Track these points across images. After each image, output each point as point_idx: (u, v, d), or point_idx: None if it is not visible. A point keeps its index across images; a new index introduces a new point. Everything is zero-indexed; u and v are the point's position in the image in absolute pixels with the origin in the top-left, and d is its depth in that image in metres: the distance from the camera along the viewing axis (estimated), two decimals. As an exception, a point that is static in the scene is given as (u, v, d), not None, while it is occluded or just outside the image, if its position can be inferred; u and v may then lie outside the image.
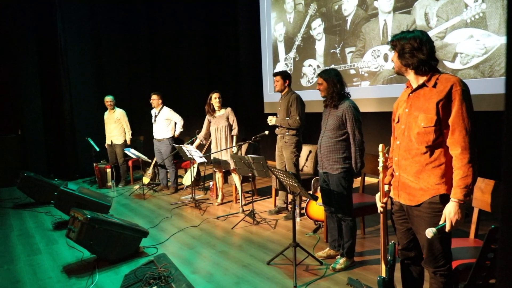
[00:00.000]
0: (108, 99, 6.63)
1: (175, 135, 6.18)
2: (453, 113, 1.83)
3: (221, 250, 3.73)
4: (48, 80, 7.76)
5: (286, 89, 4.48)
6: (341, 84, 3.09)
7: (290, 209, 4.76)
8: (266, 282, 3.02)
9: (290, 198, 4.69)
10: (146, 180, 6.52)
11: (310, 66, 7.06)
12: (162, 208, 5.34)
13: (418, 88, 1.97)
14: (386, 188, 2.17)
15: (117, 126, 6.69)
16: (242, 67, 8.83)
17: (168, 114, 6.10)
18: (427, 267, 2.02)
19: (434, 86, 1.89)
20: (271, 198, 5.25)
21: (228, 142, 5.09)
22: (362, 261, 3.29)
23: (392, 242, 2.08)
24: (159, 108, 6.12)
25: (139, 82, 8.71)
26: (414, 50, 1.91)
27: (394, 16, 5.45)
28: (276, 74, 4.50)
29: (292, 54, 7.43)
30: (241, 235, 4.12)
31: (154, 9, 8.85)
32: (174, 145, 5.83)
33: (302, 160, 4.88)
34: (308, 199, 3.84)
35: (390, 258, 2.09)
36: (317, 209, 3.84)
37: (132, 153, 6.16)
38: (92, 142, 6.88)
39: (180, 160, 6.37)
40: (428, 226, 1.84)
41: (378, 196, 2.18)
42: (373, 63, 5.85)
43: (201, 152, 5.15)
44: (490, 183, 2.35)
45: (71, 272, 3.37)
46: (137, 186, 6.52)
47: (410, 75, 2.00)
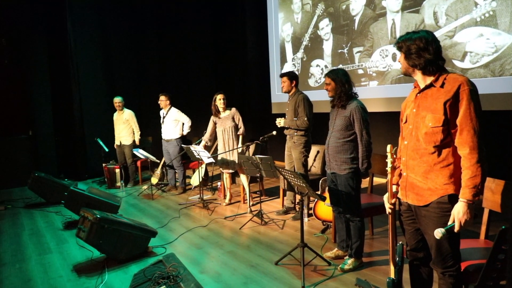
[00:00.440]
0: (117, 100, 6.69)
1: (183, 134, 6.21)
2: (461, 113, 1.82)
3: (229, 250, 3.74)
4: (58, 81, 7.86)
5: (293, 89, 4.47)
6: (349, 84, 3.08)
7: (298, 209, 4.75)
8: (274, 282, 3.03)
9: (298, 198, 4.69)
10: (154, 180, 6.56)
11: (317, 66, 7.04)
12: (171, 208, 5.37)
13: (426, 88, 1.96)
14: (394, 188, 2.17)
15: (126, 127, 6.74)
16: (250, 68, 8.84)
17: (176, 115, 6.13)
18: (436, 268, 2.00)
19: (442, 86, 1.89)
20: (279, 199, 5.24)
21: (235, 143, 5.10)
22: (371, 261, 3.28)
23: (400, 243, 2.07)
24: (167, 109, 6.16)
25: (148, 83, 8.77)
26: (421, 50, 1.90)
27: (403, 15, 5.42)
28: (282, 75, 4.49)
29: (299, 54, 7.42)
30: (249, 235, 4.12)
31: (162, 10, 8.90)
32: (182, 145, 5.86)
33: (310, 160, 4.87)
34: (316, 200, 3.84)
35: (398, 259, 2.08)
36: (325, 209, 3.83)
37: (140, 153, 6.21)
38: (101, 143, 6.95)
39: (188, 160, 6.40)
40: (436, 227, 1.83)
41: (386, 196, 2.17)
42: (381, 63, 5.82)
43: (208, 153, 5.17)
44: (501, 184, 2.33)
45: (81, 271, 3.41)
46: (145, 186, 6.56)
47: (418, 76, 1.99)
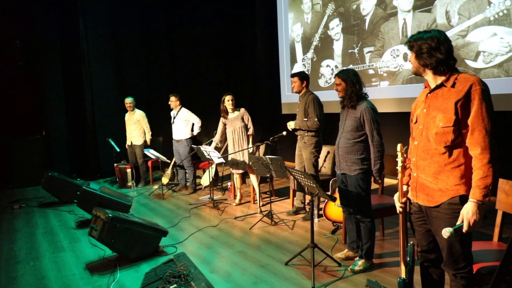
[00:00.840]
0: (128, 101, 6.76)
1: (193, 134, 6.25)
2: (472, 112, 1.80)
3: (239, 250, 3.76)
4: (71, 83, 7.99)
5: (304, 90, 4.47)
6: (359, 84, 3.07)
7: (308, 209, 4.75)
8: (284, 282, 3.03)
9: (307, 198, 4.69)
10: (165, 180, 6.61)
11: (328, 66, 7.02)
12: (181, 208, 5.41)
13: (436, 88, 1.94)
14: (405, 188, 2.15)
15: (137, 127, 6.81)
16: (260, 68, 8.85)
17: (186, 115, 6.17)
18: (447, 270, 1.99)
19: (453, 86, 1.87)
20: (289, 199, 5.24)
21: (245, 143, 5.11)
22: (381, 263, 3.26)
23: (411, 243, 2.06)
24: (178, 109, 6.21)
25: (158, 84, 8.86)
26: (432, 50, 1.89)
27: (414, 14, 5.37)
28: (293, 75, 4.49)
29: (309, 54, 7.41)
30: (259, 236, 4.13)
31: (172, 12, 8.98)
32: (192, 146, 5.90)
33: (320, 161, 4.86)
34: (326, 200, 3.83)
35: (409, 259, 2.07)
36: (335, 210, 3.82)
37: (151, 153, 6.26)
38: (112, 143, 7.03)
39: (198, 160, 6.43)
40: (447, 227, 1.81)
41: (396, 196, 2.16)
42: (392, 63, 5.78)
43: (218, 153, 5.19)
44: (514, 185, 2.30)
45: (94, 269, 3.46)
46: (156, 186, 6.62)
47: (428, 75, 1.98)
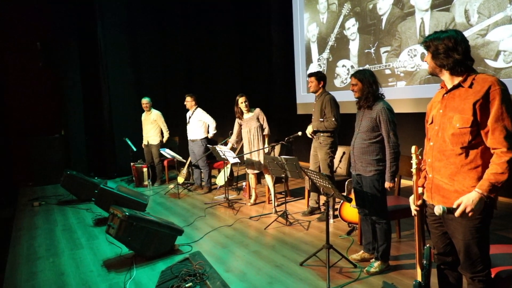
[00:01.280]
0: (144, 101, 6.85)
1: (209, 137, 6.29)
2: (492, 113, 1.77)
3: (254, 250, 3.77)
4: (89, 83, 8.15)
5: (321, 90, 4.45)
6: (376, 85, 3.04)
7: (322, 210, 4.73)
8: (299, 283, 3.03)
9: (322, 199, 4.67)
10: (180, 179, 6.67)
11: (343, 66, 6.98)
12: (196, 207, 5.46)
13: (453, 88, 1.92)
14: (420, 190, 2.13)
15: (153, 127, 6.90)
16: (275, 68, 8.85)
17: (201, 115, 6.21)
18: (464, 273, 1.96)
19: (470, 86, 1.84)
20: (304, 199, 5.23)
21: (260, 143, 5.12)
22: (398, 265, 3.22)
23: (427, 246, 2.03)
24: (193, 109, 6.26)
25: (174, 85, 8.95)
26: (449, 50, 1.86)
27: (432, 14, 5.30)
28: (310, 74, 4.48)
29: (325, 54, 7.38)
30: (274, 236, 4.14)
31: (189, 13, 9.06)
32: (208, 145, 5.94)
33: (335, 161, 4.83)
34: (341, 201, 3.81)
35: (425, 262, 2.04)
36: (351, 211, 3.80)
37: (167, 153, 6.33)
38: (129, 143, 7.13)
39: (213, 160, 6.48)
40: (464, 230, 1.80)
41: (412, 198, 2.13)
42: (409, 63, 5.71)
43: (233, 153, 5.21)
44: (536, 187, 2.25)
45: (111, 266, 3.52)
46: (172, 186, 6.69)
47: (445, 76, 1.95)
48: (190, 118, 6.28)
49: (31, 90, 7.83)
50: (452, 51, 1.86)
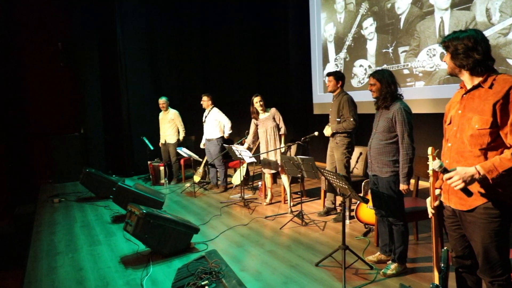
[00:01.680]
0: (161, 101, 6.93)
1: (225, 137, 6.32)
2: None
3: (269, 249, 3.77)
4: (108, 83, 8.31)
5: (338, 89, 4.42)
6: (394, 85, 3.00)
7: (339, 210, 4.70)
8: (314, 283, 3.02)
9: (338, 199, 4.63)
10: (197, 178, 6.72)
11: (361, 66, 6.91)
12: (212, 206, 5.49)
13: (473, 89, 1.88)
14: (437, 192, 2.09)
15: (170, 126, 6.97)
16: (292, 68, 8.83)
17: (217, 115, 6.24)
18: (483, 277, 1.92)
19: (490, 87, 1.80)
20: (320, 200, 5.21)
21: (277, 143, 5.11)
22: (415, 267, 3.18)
23: (445, 248, 2.00)
24: (209, 109, 6.30)
25: (191, 84, 9.04)
26: (469, 50, 1.83)
27: (452, 13, 5.20)
28: (329, 74, 4.45)
29: (342, 54, 7.32)
30: (289, 236, 4.13)
31: (205, 14, 9.14)
32: (224, 145, 5.97)
33: (352, 162, 4.79)
34: (358, 202, 3.78)
35: (443, 265, 2.01)
36: (367, 212, 3.76)
37: (184, 152, 6.39)
38: (147, 141, 7.23)
39: (228, 159, 6.50)
40: (483, 233, 1.76)
41: (429, 200, 2.10)
42: (428, 63, 5.62)
43: (250, 152, 5.22)
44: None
45: (128, 263, 3.58)
46: (188, 184, 6.75)
47: (465, 76, 1.92)
48: (206, 117, 6.33)
49: (52, 90, 8.02)
50: (472, 51, 1.83)
